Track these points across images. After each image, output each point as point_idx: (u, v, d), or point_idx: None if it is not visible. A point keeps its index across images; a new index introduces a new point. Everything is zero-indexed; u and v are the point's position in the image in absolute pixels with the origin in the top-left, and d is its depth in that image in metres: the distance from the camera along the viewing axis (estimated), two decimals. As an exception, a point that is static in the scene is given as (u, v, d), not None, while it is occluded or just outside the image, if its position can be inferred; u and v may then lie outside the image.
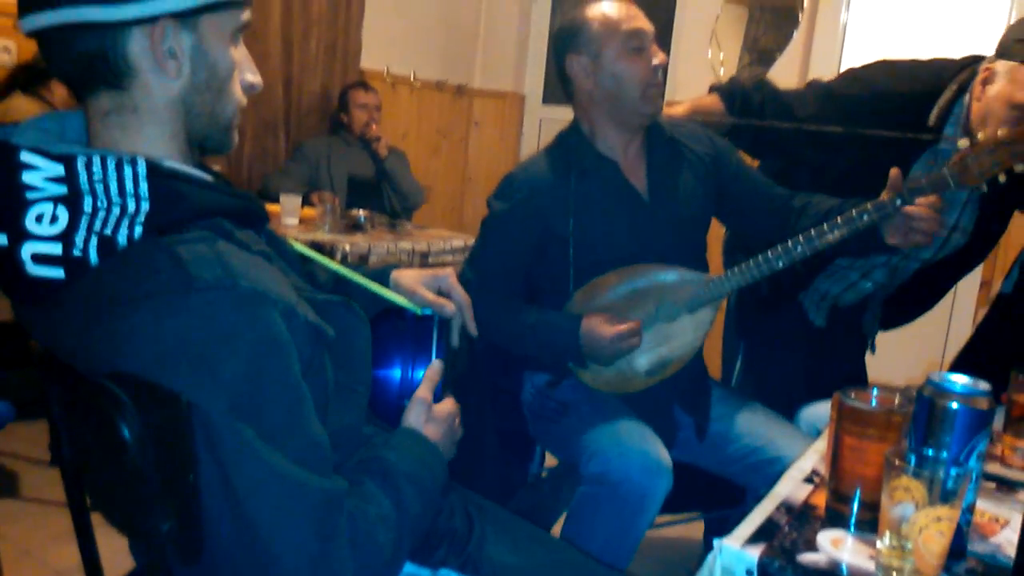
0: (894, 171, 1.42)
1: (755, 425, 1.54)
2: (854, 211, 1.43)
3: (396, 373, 1.08)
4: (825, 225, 1.44)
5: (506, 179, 1.61)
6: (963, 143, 1.39)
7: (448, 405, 1.02)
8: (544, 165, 1.59)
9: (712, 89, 1.83)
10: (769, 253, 1.47)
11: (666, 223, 1.57)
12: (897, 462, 0.75)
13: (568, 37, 1.56)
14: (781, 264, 1.46)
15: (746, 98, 1.76)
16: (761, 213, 1.63)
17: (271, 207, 2.83)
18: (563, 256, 1.54)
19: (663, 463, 1.37)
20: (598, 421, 1.47)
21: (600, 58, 1.53)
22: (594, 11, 1.54)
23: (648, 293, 1.53)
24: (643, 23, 1.54)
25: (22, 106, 2.49)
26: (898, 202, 1.40)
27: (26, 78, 2.57)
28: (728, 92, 1.80)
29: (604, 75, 1.53)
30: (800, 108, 1.70)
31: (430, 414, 0.99)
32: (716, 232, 1.72)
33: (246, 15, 0.87)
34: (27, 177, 0.75)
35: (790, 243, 1.45)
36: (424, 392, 1.00)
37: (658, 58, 1.53)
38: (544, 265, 1.58)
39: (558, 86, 1.67)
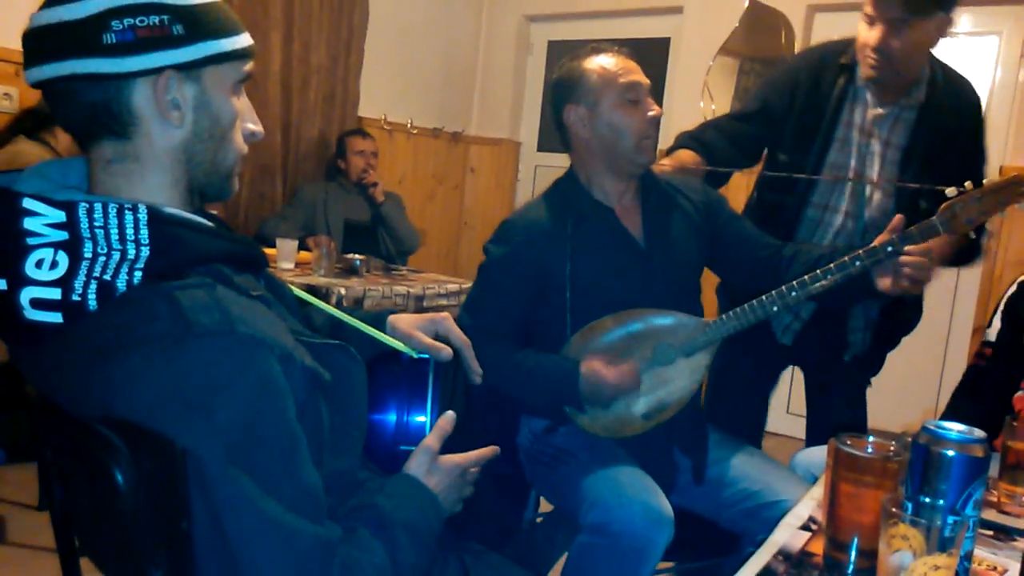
0: (897, 218, 1.46)
1: (751, 469, 1.53)
2: (847, 257, 1.46)
3: (391, 417, 1.08)
4: (819, 271, 1.47)
5: (503, 225, 1.63)
6: (951, 191, 1.43)
7: (457, 459, 1.00)
8: (541, 211, 1.61)
9: (676, 147, 1.91)
10: (764, 298, 1.49)
11: (662, 268, 1.59)
12: (894, 510, 0.75)
13: (566, 87, 1.59)
14: (775, 309, 1.49)
15: (702, 134, 1.90)
16: (752, 262, 1.66)
17: (268, 251, 2.85)
18: (560, 300, 1.55)
19: (665, 513, 1.36)
20: (597, 468, 1.46)
21: (597, 109, 1.56)
22: (592, 63, 1.58)
23: (644, 337, 1.53)
24: (639, 76, 1.58)
25: (27, 151, 2.52)
26: (888, 248, 1.44)
27: (31, 123, 2.61)
28: (690, 140, 1.90)
29: (600, 125, 1.57)
30: (744, 106, 1.92)
31: (434, 463, 0.98)
32: (710, 277, 1.74)
33: (248, 66, 0.89)
34: (28, 223, 0.76)
35: (784, 288, 1.48)
36: (432, 441, 0.99)
37: (653, 110, 1.57)
38: (541, 309, 1.59)
39: (553, 133, 1.71)
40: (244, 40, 0.87)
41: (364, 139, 3.59)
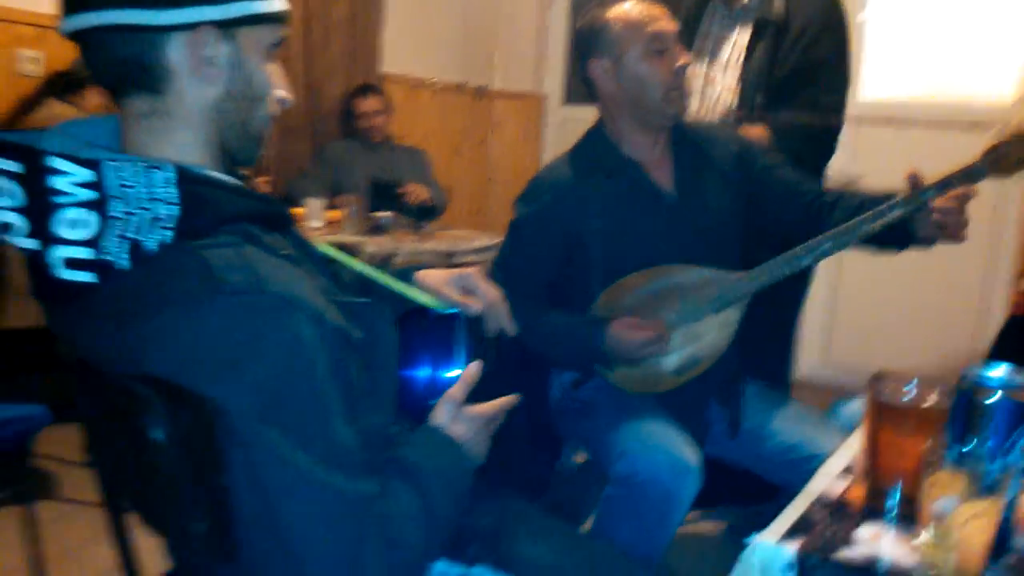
0: (911, 170, 1.39)
1: (791, 422, 1.52)
2: (884, 205, 1.39)
3: (422, 373, 1.08)
4: (853, 221, 1.41)
5: (532, 182, 1.61)
6: (996, 132, 1.35)
7: (484, 408, 1.00)
8: (569, 167, 1.59)
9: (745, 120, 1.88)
10: (796, 250, 1.44)
11: (693, 223, 1.55)
12: (937, 456, 0.73)
13: (590, 40, 1.55)
14: (806, 262, 1.44)
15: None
16: (792, 210, 1.60)
17: (296, 211, 2.85)
18: (589, 259, 1.54)
19: (690, 463, 1.35)
20: (624, 421, 1.46)
21: (622, 61, 1.52)
22: (616, 12, 1.52)
23: (673, 293, 1.51)
24: (666, 24, 1.52)
25: (61, 113, 2.53)
26: (929, 193, 1.36)
27: (61, 85, 2.62)
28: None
29: (626, 78, 1.52)
30: None
31: (459, 413, 0.98)
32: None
33: (283, 31, 0.89)
34: (56, 182, 0.76)
35: (816, 241, 1.43)
36: (456, 392, 0.99)
37: (681, 59, 1.51)
38: (570, 267, 1.58)
39: (579, 86, 1.68)
40: (280, 3, 0.87)
41: (366, 98, 3.54)
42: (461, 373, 1.03)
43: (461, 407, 0.98)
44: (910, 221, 1.40)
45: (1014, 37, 3.30)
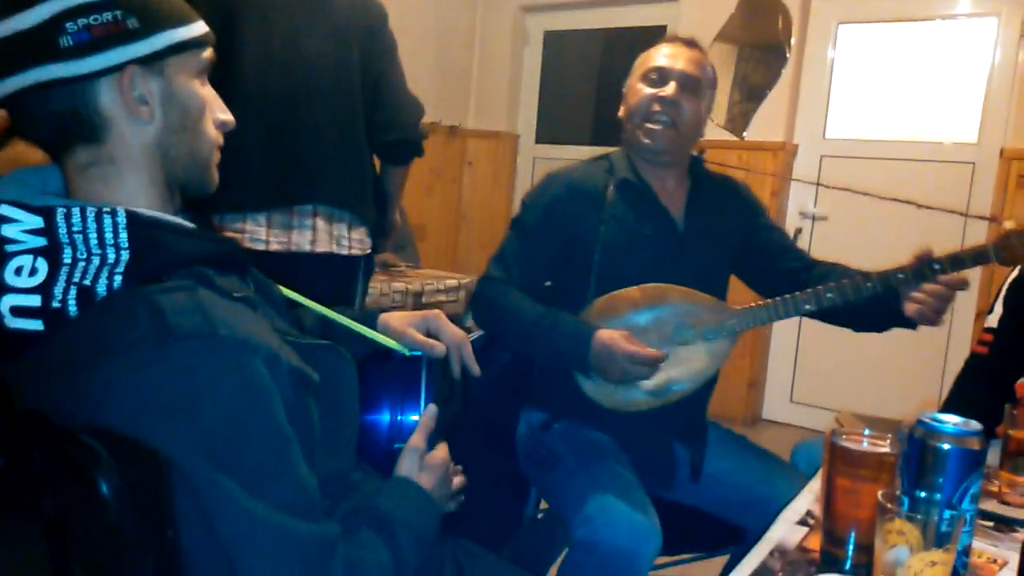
0: (921, 247, 1.41)
1: (751, 464, 1.52)
2: (891, 271, 1.41)
3: (385, 417, 1.07)
4: (859, 278, 1.44)
5: (546, 177, 1.64)
6: (1009, 223, 1.39)
7: (441, 452, 1.00)
8: (585, 171, 1.63)
9: None
10: (799, 295, 1.46)
11: (696, 253, 1.58)
12: (890, 505, 0.74)
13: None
14: (808, 308, 1.46)
15: None
16: (779, 272, 1.63)
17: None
18: (588, 263, 1.55)
19: (651, 526, 1.34)
20: (584, 476, 1.45)
21: (627, 84, 1.62)
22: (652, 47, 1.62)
23: (667, 313, 1.52)
24: (671, 63, 1.55)
25: (28, 153, 2.50)
26: (937, 267, 1.38)
27: None
28: None
29: (626, 100, 1.61)
30: None
31: (423, 463, 0.97)
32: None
33: (208, 53, 0.88)
34: (6, 230, 0.75)
35: (822, 289, 1.45)
36: (417, 440, 0.98)
37: (663, 92, 1.54)
38: (567, 268, 1.59)
39: (551, 125, 1.73)
40: (200, 27, 0.86)
41: None
42: (419, 419, 1.03)
43: (424, 455, 0.98)
44: (901, 297, 1.42)
45: (974, 77, 3.41)
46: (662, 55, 1.57)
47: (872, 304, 1.44)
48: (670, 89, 1.54)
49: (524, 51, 4.74)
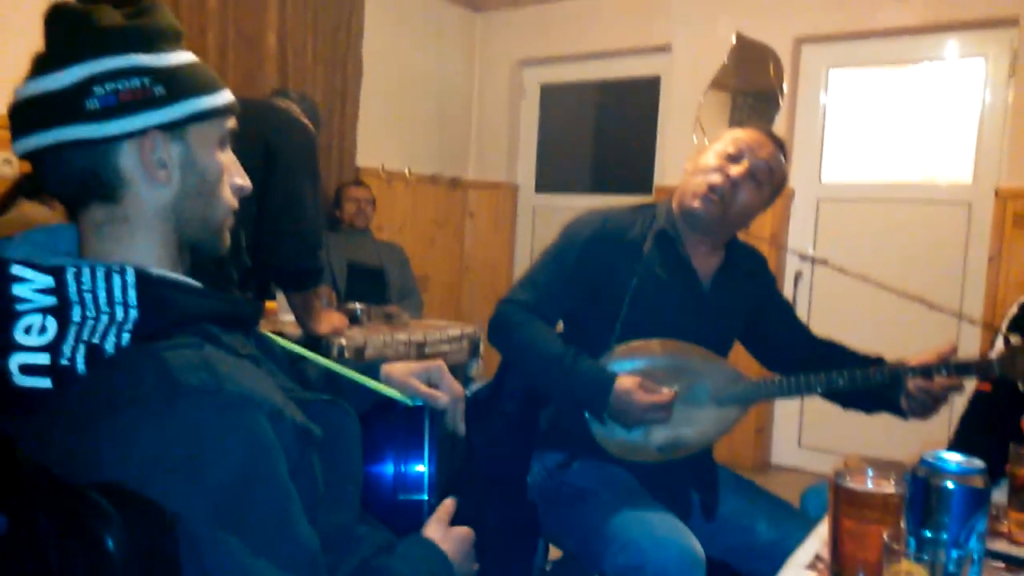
0: (949, 344, 1.49)
1: (761, 508, 1.51)
2: (899, 365, 1.48)
3: (389, 468, 1.07)
4: (871, 369, 1.49)
5: (590, 213, 1.65)
6: (1015, 340, 1.47)
7: (465, 531, 1.01)
8: (629, 218, 1.64)
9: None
10: (812, 377, 1.50)
11: (716, 318, 1.61)
12: (896, 546, 0.74)
13: None
14: (819, 390, 1.51)
15: None
16: (784, 344, 1.69)
17: (270, 304, 2.85)
18: (614, 309, 1.56)
19: (699, 555, 1.33)
20: (622, 507, 1.43)
21: (709, 144, 1.64)
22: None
23: (684, 371, 1.53)
24: (755, 149, 1.57)
25: (33, 213, 2.54)
26: (943, 370, 1.44)
27: (30, 186, 2.63)
28: None
29: (695, 158, 1.63)
30: None
31: (447, 532, 0.98)
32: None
33: (231, 122, 0.91)
34: (17, 289, 0.76)
35: (834, 374, 1.49)
36: (444, 513, 1.00)
37: (731, 169, 1.54)
38: (592, 309, 1.59)
39: (550, 175, 1.76)
40: (225, 97, 0.89)
41: (358, 188, 3.69)
42: (430, 468, 1.03)
43: (448, 528, 0.98)
44: (899, 390, 1.48)
45: (966, 118, 3.46)
46: (748, 138, 1.59)
47: (872, 390, 1.50)
48: (738, 169, 1.55)
49: (521, 104, 4.83)
